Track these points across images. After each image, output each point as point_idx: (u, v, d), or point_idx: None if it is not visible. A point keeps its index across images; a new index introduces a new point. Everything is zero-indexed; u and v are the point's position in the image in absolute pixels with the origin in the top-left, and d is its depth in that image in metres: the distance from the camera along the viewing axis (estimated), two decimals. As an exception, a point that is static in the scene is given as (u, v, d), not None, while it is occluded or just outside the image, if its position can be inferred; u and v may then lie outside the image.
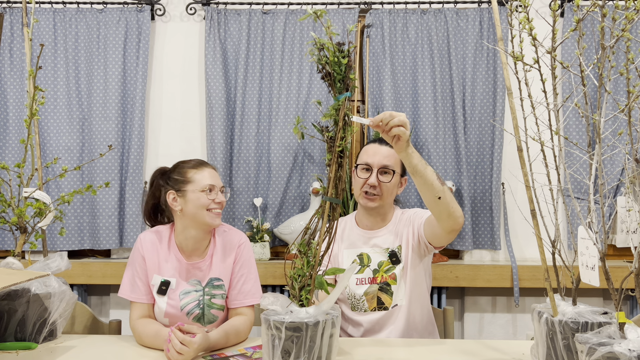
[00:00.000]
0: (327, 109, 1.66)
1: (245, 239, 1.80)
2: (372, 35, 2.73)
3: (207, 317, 1.70)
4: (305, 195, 2.74)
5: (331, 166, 1.28)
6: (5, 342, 1.56)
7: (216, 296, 1.71)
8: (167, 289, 1.69)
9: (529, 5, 1.17)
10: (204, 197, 1.67)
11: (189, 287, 1.71)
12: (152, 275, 1.70)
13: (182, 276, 1.71)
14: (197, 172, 1.70)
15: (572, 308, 1.24)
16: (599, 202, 1.12)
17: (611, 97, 1.62)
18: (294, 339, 1.18)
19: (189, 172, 1.71)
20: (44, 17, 2.72)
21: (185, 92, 2.83)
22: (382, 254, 1.82)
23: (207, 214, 1.68)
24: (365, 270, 1.81)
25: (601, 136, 1.12)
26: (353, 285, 1.81)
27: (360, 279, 1.81)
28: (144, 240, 1.74)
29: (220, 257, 1.74)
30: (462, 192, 2.67)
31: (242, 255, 1.76)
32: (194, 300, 1.70)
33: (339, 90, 1.29)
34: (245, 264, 1.75)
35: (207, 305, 1.70)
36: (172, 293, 1.69)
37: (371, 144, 1.88)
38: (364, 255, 1.83)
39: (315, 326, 1.19)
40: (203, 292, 1.71)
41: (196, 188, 1.68)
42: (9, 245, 2.67)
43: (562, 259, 1.26)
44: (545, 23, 1.22)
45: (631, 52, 1.07)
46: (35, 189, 1.71)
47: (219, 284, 1.72)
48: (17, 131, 2.69)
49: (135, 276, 1.71)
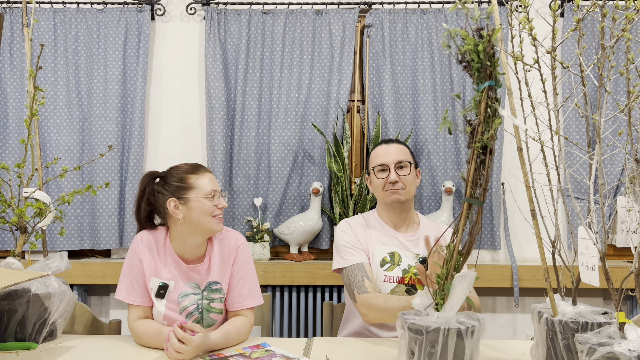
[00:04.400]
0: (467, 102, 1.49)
1: (243, 239, 1.77)
2: (372, 35, 2.73)
3: (206, 321, 1.68)
4: (305, 195, 2.74)
5: (470, 164, 1.18)
6: (5, 342, 1.56)
7: (215, 300, 1.69)
8: (166, 292, 1.65)
9: (529, 5, 1.17)
10: (208, 204, 1.62)
11: (187, 290, 1.68)
12: (149, 278, 1.67)
13: (180, 278, 1.68)
14: (198, 177, 1.65)
15: (572, 308, 1.24)
16: (599, 202, 1.12)
17: (611, 97, 1.62)
18: (416, 340, 1.17)
19: (189, 178, 1.65)
20: (44, 17, 2.72)
21: (185, 92, 2.83)
22: (412, 258, 1.83)
23: (212, 221, 1.64)
24: (395, 269, 1.81)
25: (601, 136, 1.11)
26: (381, 281, 1.80)
27: (389, 276, 1.80)
28: (141, 242, 1.69)
29: (218, 261, 1.71)
30: (462, 192, 2.66)
31: (240, 257, 1.73)
32: (192, 304, 1.67)
33: (478, 80, 1.15)
34: (244, 265, 1.73)
35: (205, 309, 1.68)
36: (171, 295, 1.66)
37: (377, 147, 1.91)
38: (395, 253, 1.83)
39: (435, 332, 1.16)
40: (202, 296, 1.68)
41: (199, 195, 1.63)
42: (9, 245, 2.67)
43: (562, 259, 1.26)
44: (545, 23, 1.23)
45: (631, 52, 1.07)
46: (35, 189, 1.71)
47: (217, 288, 1.70)
48: (17, 131, 2.70)
49: (132, 278, 1.67)
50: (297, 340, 1.66)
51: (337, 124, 2.69)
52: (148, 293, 1.67)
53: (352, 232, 1.84)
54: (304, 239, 2.65)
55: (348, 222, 1.89)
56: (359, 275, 1.74)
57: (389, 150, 1.86)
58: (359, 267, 1.76)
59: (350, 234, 1.84)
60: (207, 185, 1.64)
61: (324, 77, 2.74)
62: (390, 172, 1.82)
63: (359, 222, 1.89)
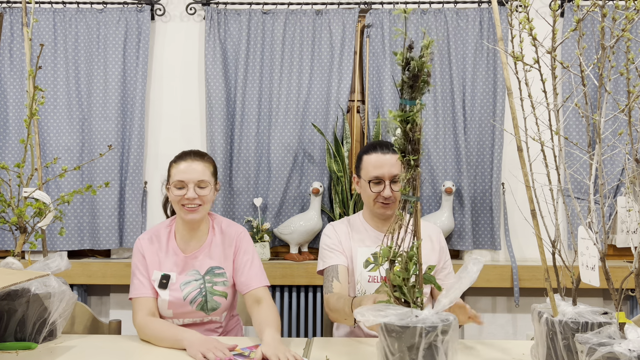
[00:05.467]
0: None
1: (244, 230, 1.85)
2: (372, 35, 2.73)
3: (210, 304, 1.74)
4: (305, 195, 2.74)
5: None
6: (5, 342, 1.56)
7: (217, 284, 1.76)
8: (168, 282, 1.73)
9: (529, 5, 1.17)
10: (175, 192, 1.71)
11: (188, 278, 1.75)
12: (152, 271, 1.75)
13: (180, 269, 1.76)
14: (175, 165, 1.74)
15: (572, 308, 1.24)
16: (599, 202, 1.12)
17: (611, 97, 1.62)
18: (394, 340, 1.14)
19: (171, 166, 1.76)
20: (44, 17, 2.72)
21: (185, 92, 2.83)
22: None
23: (181, 209, 1.72)
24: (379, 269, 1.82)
25: (601, 136, 1.11)
26: (365, 282, 1.82)
27: (373, 276, 1.82)
28: (142, 240, 1.80)
29: (220, 248, 1.79)
30: (462, 192, 2.67)
31: (242, 244, 1.80)
32: (195, 289, 1.74)
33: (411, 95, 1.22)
34: (248, 250, 1.80)
35: (209, 292, 1.74)
36: (173, 286, 1.73)
37: (372, 153, 1.81)
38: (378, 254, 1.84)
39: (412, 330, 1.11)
40: (203, 280, 1.75)
41: (171, 184, 1.73)
42: (9, 245, 2.67)
43: (562, 259, 1.26)
44: (545, 23, 1.22)
45: (631, 52, 1.07)
46: (35, 189, 1.71)
47: (220, 272, 1.77)
48: (17, 131, 2.69)
49: (139, 275, 1.75)
50: (297, 340, 1.66)
51: (337, 124, 2.69)
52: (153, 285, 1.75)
53: (335, 236, 1.87)
54: (304, 239, 2.65)
55: (332, 226, 1.91)
56: (330, 276, 1.79)
57: (385, 161, 1.77)
58: (333, 268, 1.80)
59: (332, 238, 1.87)
60: (176, 175, 1.71)
61: (324, 77, 2.74)
62: (385, 188, 1.76)
63: (343, 225, 1.91)
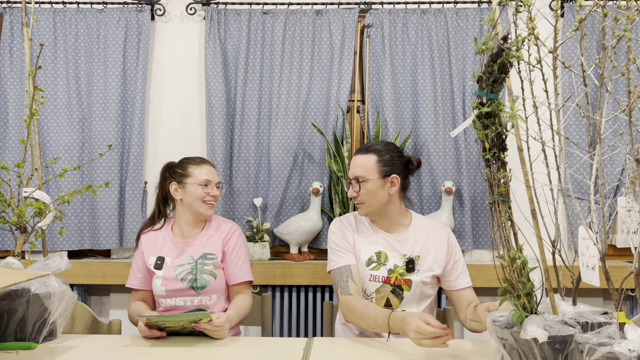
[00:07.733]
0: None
1: (237, 227, 2.03)
2: (372, 35, 2.73)
3: (199, 281, 1.90)
4: (305, 195, 2.74)
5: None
6: (5, 342, 1.56)
7: (208, 264, 1.93)
8: (163, 263, 1.93)
9: (532, 5, 1.17)
10: (200, 190, 1.95)
11: (182, 262, 1.93)
12: (148, 257, 1.95)
13: (175, 255, 1.95)
14: (196, 167, 1.98)
15: (572, 308, 1.23)
16: (599, 202, 1.12)
17: (612, 97, 1.62)
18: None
19: (189, 167, 1.98)
20: (44, 17, 2.72)
21: (185, 92, 2.83)
22: (399, 258, 1.84)
23: (202, 205, 1.96)
24: (381, 269, 1.82)
25: (602, 136, 1.11)
26: (367, 280, 1.82)
27: (375, 276, 1.82)
28: (143, 235, 2.02)
29: (215, 239, 1.98)
30: (462, 192, 2.67)
31: (233, 238, 1.99)
32: (187, 270, 1.92)
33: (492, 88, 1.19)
34: (237, 246, 1.98)
35: (199, 271, 1.91)
36: (167, 268, 1.92)
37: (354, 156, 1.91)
38: (382, 253, 1.85)
39: None
40: (196, 263, 1.93)
41: (194, 182, 1.95)
42: (9, 245, 2.67)
43: (562, 259, 1.26)
44: (546, 23, 1.22)
45: (632, 52, 1.07)
46: (35, 188, 1.70)
47: (211, 257, 1.95)
48: (17, 131, 2.69)
49: (136, 269, 1.99)
50: (297, 340, 1.66)
51: (337, 124, 2.69)
52: (147, 278, 1.96)
53: (341, 233, 1.88)
54: (304, 239, 2.65)
55: (339, 221, 1.93)
56: (344, 276, 1.79)
57: (355, 162, 1.87)
58: (346, 268, 1.81)
59: (338, 235, 1.88)
60: (202, 175, 1.97)
61: (324, 77, 2.74)
62: (351, 187, 1.86)
63: (350, 221, 1.92)
